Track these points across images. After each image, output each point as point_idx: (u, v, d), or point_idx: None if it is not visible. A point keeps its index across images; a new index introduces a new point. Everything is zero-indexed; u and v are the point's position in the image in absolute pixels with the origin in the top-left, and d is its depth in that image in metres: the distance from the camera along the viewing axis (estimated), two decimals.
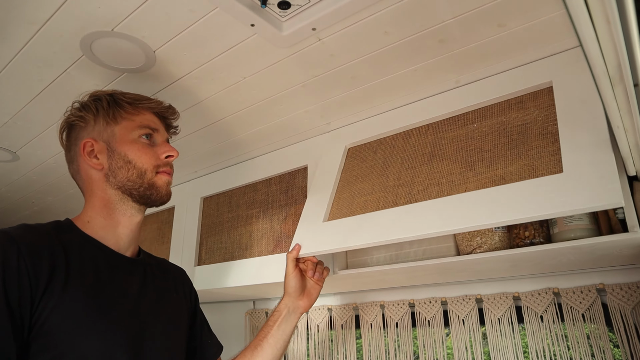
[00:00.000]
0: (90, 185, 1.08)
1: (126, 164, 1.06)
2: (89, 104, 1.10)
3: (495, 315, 1.42)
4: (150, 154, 1.09)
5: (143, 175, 1.07)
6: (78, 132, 1.10)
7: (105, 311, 0.94)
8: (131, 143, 1.08)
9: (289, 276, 1.31)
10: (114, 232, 1.06)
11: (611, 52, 0.54)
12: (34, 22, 1.09)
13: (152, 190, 1.08)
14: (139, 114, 1.12)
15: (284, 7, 1.01)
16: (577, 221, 1.07)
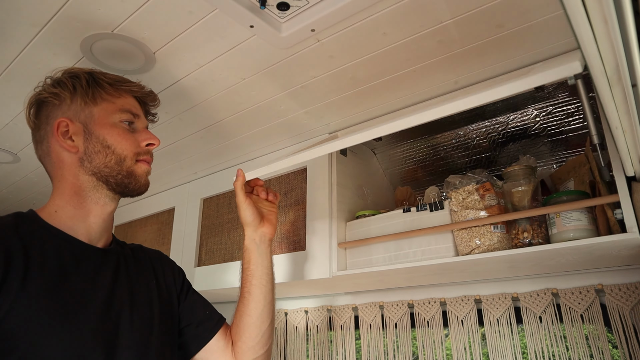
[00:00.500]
0: (61, 169, 0.98)
1: (104, 148, 0.98)
2: (64, 80, 1.01)
3: (494, 316, 1.42)
4: (131, 140, 1.02)
5: (122, 162, 0.99)
6: (51, 110, 1.00)
7: (72, 310, 0.86)
8: (111, 127, 1.00)
9: (242, 205, 1.22)
10: (85, 222, 0.98)
11: (609, 52, 0.55)
12: (34, 24, 1.09)
13: (130, 178, 1.01)
14: (120, 96, 1.04)
15: (283, 8, 1.01)
16: (575, 222, 1.08)
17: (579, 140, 1.43)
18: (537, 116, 1.43)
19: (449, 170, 1.69)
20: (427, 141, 1.66)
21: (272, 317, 1.20)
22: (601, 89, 0.64)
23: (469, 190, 1.25)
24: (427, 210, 1.32)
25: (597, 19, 0.49)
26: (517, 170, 1.24)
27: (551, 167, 1.52)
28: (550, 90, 1.35)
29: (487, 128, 1.53)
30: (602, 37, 0.52)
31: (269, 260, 1.21)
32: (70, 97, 0.99)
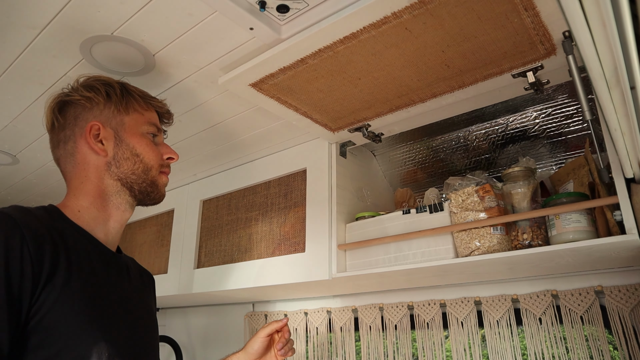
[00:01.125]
0: (86, 170, 1.01)
1: (133, 156, 1.03)
2: (98, 86, 1.04)
3: (494, 318, 1.42)
4: (157, 151, 1.07)
5: (148, 171, 1.04)
6: (80, 112, 1.02)
7: (104, 310, 0.90)
8: (140, 137, 1.05)
9: (257, 337, 1.26)
10: (105, 225, 1.01)
11: (607, 55, 0.55)
12: (34, 27, 1.09)
13: (153, 187, 1.06)
14: (148, 109, 1.10)
15: (282, 10, 1.02)
16: (575, 223, 1.08)
17: (579, 142, 1.43)
18: (536, 118, 1.44)
19: (449, 172, 1.70)
20: (426, 143, 1.66)
21: None
22: (600, 91, 0.64)
23: (469, 192, 1.25)
24: (427, 212, 1.32)
25: (596, 22, 0.49)
26: (517, 172, 1.25)
27: (550, 168, 1.52)
28: (550, 92, 1.36)
29: (487, 130, 1.53)
30: (601, 39, 0.52)
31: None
32: (104, 103, 1.03)
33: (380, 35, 1.02)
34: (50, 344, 0.81)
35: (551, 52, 1.06)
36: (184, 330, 2.38)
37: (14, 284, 0.77)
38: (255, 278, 1.63)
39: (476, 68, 1.14)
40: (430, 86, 1.22)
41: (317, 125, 1.44)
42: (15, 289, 0.77)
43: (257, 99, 1.28)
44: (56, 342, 0.81)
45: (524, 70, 1.13)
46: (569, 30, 0.98)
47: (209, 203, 1.96)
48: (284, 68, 1.14)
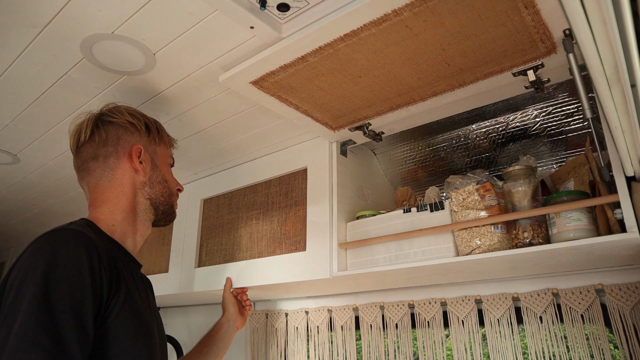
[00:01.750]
0: (122, 186, 1.12)
1: (164, 181, 1.19)
2: (138, 116, 1.19)
3: (494, 316, 1.42)
4: (175, 181, 1.24)
5: (171, 196, 1.21)
6: (123, 134, 1.15)
7: (145, 323, 1.00)
8: (167, 166, 1.23)
9: (225, 297, 1.62)
10: (133, 238, 1.13)
11: (608, 53, 0.55)
12: (34, 26, 1.09)
13: (171, 210, 1.21)
14: (171, 146, 1.29)
15: (283, 9, 1.02)
16: (575, 222, 1.08)
17: (579, 140, 1.43)
18: (537, 116, 1.44)
19: (449, 171, 1.70)
20: (427, 142, 1.66)
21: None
22: (600, 89, 0.64)
23: (469, 191, 1.25)
24: (428, 210, 1.32)
25: (596, 20, 0.49)
26: (517, 171, 1.25)
27: (551, 167, 1.52)
28: (550, 90, 1.36)
29: (487, 128, 1.53)
30: (601, 37, 0.52)
31: (229, 341, 1.53)
32: (145, 132, 1.19)
33: (381, 33, 1.02)
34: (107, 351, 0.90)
35: (552, 51, 1.06)
36: (185, 329, 2.38)
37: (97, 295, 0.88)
38: (256, 277, 1.63)
39: (476, 66, 1.14)
40: (430, 84, 1.22)
41: (317, 123, 1.44)
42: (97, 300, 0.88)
43: (258, 97, 1.28)
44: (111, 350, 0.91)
45: (525, 68, 1.13)
46: (569, 28, 0.98)
47: (210, 202, 1.96)
48: (284, 66, 1.14)
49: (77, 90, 1.37)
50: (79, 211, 2.50)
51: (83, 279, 0.86)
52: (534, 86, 1.17)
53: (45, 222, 2.73)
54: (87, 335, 0.84)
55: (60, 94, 1.38)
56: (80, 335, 0.83)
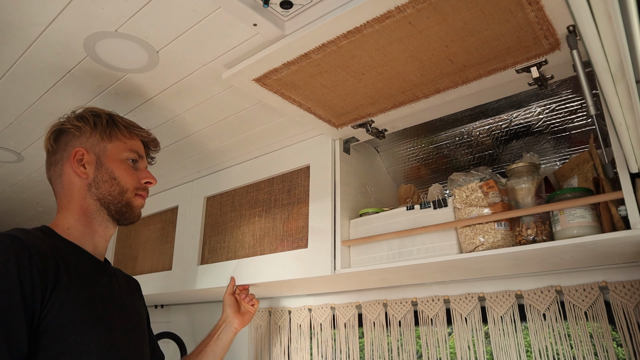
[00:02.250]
0: (71, 191, 1.15)
1: (111, 179, 1.16)
2: (87, 117, 1.19)
3: (497, 314, 1.42)
4: (134, 176, 1.20)
5: (124, 193, 1.17)
6: (70, 139, 1.17)
7: (101, 313, 1.04)
8: (119, 162, 1.18)
9: (225, 298, 1.64)
10: (92, 239, 1.15)
11: (613, 48, 0.55)
12: (38, 24, 1.10)
13: (127, 208, 1.18)
14: (131, 138, 1.23)
15: (286, 6, 1.02)
16: (579, 219, 1.08)
17: (583, 137, 1.43)
18: (540, 113, 1.43)
19: (452, 168, 1.69)
20: (430, 139, 1.66)
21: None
22: (605, 85, 0.64)
23: (473, 188, 1.25)
24: (431, 207, 1.32)
25: (601, 15, 0.49)
26: (521, 168, 1.24)
27: (554, 164, 1.51)
28: (554, 87, 1.35)
29: (490, 125, 1.53)
30: (606, 33, 0.52)
31: (228, 340, 1.55)
32: (90, 132, 1.17)
33: (384, 30, 1.01)
34: (57, 344, 0.94)
35: (555, 47, 1.06)
36: (188, 327, 2.39)
37: (27, 295, 0.91)
38: (257, 274, 1.63)
39: (480, 63, 1.13)
40: (433, 82, 1.21)
41: (320, 121, 1.44)
42: (28, 299, 0.91)
43: (261, 94, 1.28)
44: (62, 342, 0.95)
45: (528, 65, 1.13)
46: (573, 24, 0.98)
47: (213, 200, 1.96)
48: (287, 63, 1.14)
49: (80, 89, 1.37)
50: None
51: (8, 283, 0.89)
52: (537, 83, 1.16)
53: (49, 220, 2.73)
54: (17, 338, 0.88)
55: (64, 92, 1.39)
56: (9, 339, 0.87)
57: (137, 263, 2.18)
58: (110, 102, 1.44)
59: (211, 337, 1.53)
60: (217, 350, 1.50)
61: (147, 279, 2.05)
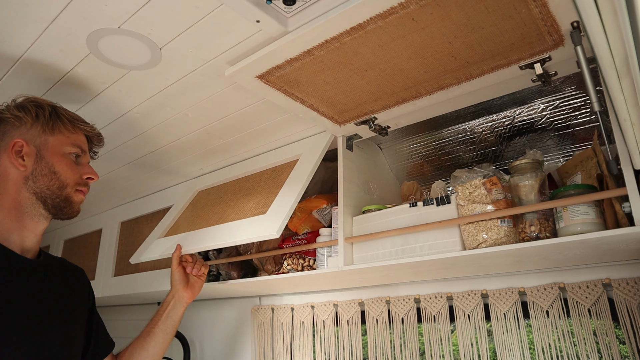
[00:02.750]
0: (5, 183, 1.11)
1: (51, 173, 1.13)
2: (29, 107, 1.15)
3: (501, 311, 1.42)
4: (75, 170, 1.18)
5: (63, 188, 1.14)
6: (9, 129, 1.13)
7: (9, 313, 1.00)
8: (61, 156, 1.15)
9: (173, 272, 1.53)
10: (20, 235, 1.11)
11: (618, 43, 0.54)
12: (41, 21, 1.10)
13: (66, 203, 1.16)
14: (75, 132, 1.21)
15: (289, 3, 1.01)
16: (583, 215, 1.07)
17: (586, 134, 1.43)
18: (543, 110, 1.43)
19: (456, 165, 1.69)
20: (433, 136, 1.66)
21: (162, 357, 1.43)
22: (610, 80, 0.64)
23: (476, 185, 1.25)
24: (434, 204, 1.32)
25: (607, 9, 0.49)
26: (524, 164, 1.24)
27: (558, 161, 1.51)
28: (557, 84, 1.35)
29: (494, 122, 1.52)
30: (612, 28, 0.52)
31: (178, 316, 1.47)
32: (32, 123, 1.14)
33: (387, 26, 1.01)
34: None
35: (559, 43, 1.06)
36: (191, 324, 2.39)
37: None
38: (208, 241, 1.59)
39: (483, 60, 1.13)
40: (437, 78, 1.21)
41: (323, 118, 1.43)
42: None
43: (264, 91, 1.28)
44: None
45: (532, 61, 1.12)
46: (577, 20, 0.97)
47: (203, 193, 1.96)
48: (290, 59, 1.14)
49: (83, 86, 1.37)
50: (86, 207, 2.51)
51: None
52: (541, 79, 1.16)
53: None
54: None
55: (67, 90, 1.38)
56: None
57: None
58: (112, 99, 1.44)
59: (160, 315, 1.45)
60: (168, 328, 1.43)
61: (149, 276, 2.05)
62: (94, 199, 2.38)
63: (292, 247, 1.61)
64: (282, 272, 1.65)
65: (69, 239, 2.81)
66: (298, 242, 1.60)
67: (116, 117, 1.55)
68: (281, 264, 1.68)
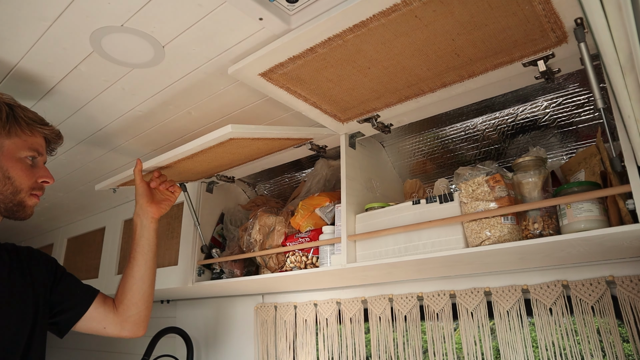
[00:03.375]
0: None
1: (5, 178, 1.11)
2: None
3: (504, 308, 1.42)
4: (30, 175, 1.15)
5: (17, 193, 1.13)
6: None
7: None
8: (16, 161, 1.13)
9: (136, 187, 1.46)
10: None
11: (623, 39, 0.54)
12: (44, 19, 1.10)
13: (19, 207, 1.15)
14: (32, 135, 1.17)
15: (292, 1, 1.02)
16: (586, 212, 1.07)
17: (590, 131, 1.42)
18: (547, 107, 1.43)
19: (458, 163, 1.69)
20: (436, 134, 1.66)
21: (152, 279, 1.42)
22: (614, 77, 0.64)
23: (479, 182, 1.24)
24: (437, 202, 1.32)
25: (611, 5, 0.49)
26: (527, 162, 1.24)
27: (561, 158, 1.51)
28: (561, 81, 1.35)
29: (497, 120, 1.52)
30: (616, 24, 0.52)
31: (151, 234, 1.42)
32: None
33: (390, 24, 1.01)
34: None
35: (562, 40, 1.05)
36: (194, 322, 2.40)
37: None
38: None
39: (486, 57, 1.13)
40: (440, 75, 1.21)
41: (326, 115, 1.43)
42: None
43: (267, 89, 1.28)
44: None
45: (535, 59, 1.12)
46: (581, 17, 0.97)
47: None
48: (293, 57, 1.14)
49: (86, 84, 1.37)
50: (90, 205, 2.52)
51: None
52: (544, 77, 1.16)
53: (55, 215, 2.75)
54: None
55: (70, 88, 1.39)
56: None
57: None
58: (115, 97, 1.44)
59: (134, 240, 1.41)
60: (145, 248, 1.40)
61: None
62: (97, 198, 2.39)
63: (295, 245, 1.61)
64: (285, 270, 1.65)
65: (72, 237, 2.82)
66: (301, 240, 1.60)
67: (119, 115, 1.56)
68: (284, 262, 1.68)
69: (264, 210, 1.81)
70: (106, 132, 1.68)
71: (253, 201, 2.06)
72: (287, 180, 2.12)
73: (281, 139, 1.46)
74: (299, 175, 2.07)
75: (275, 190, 2.20)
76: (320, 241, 1.54)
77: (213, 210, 2.07)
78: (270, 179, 2.15)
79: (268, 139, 1.41)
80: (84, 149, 1.83)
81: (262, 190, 2.23)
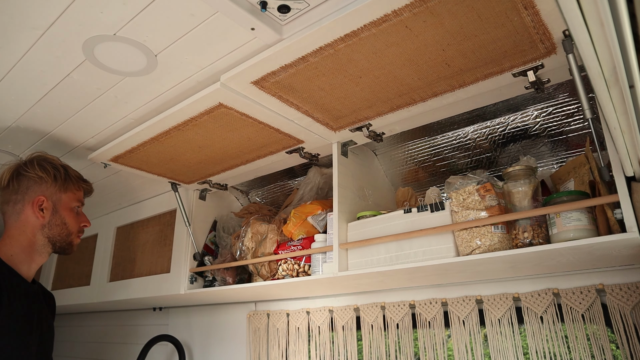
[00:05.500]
0: (25, 227, 1.39)
1: (63, 224, 1.44)
2: (48, 168, 1.43)
3: (495, 316, 1.43)
4: (78, 221, 1.49)
5: (70, 235, 1.46)
6: (32, 185, 1.41)
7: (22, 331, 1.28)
8: (70, 210, 1.46)
9: None
10: (28, 266, 1.39)
11: (606, 54, 0.55)
12: (37, 28, 1.10)
13: (69, 246, 1.46)
14: (79, 190, 1.52)
15: (283, 11, 1.02)
16: (575, 222, 1.08)
17: (580, 140, 1.44)
18: (537, 117, 1.44)
19: (450, 171, 1.70)
20: (427, 142, 1.67)
21: None
22: (599, 90, 0.65)
23: (470, 191, 1.25)
24: (428, 210, 1.33)
25: (594, 22, 0.49)
26: (518, 171, 1.25)
27: (551, 167, 1.52)
28: (550, 90, 1.36)
29: (488, 129, 1.53)
30: (599, 39, 0.53)
31: None
32: (51, 182, 1.43)
33: (381, 34, 1.02)
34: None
35: (551, 51, 1.07)
36: (186, 329, 2.39)
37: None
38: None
39: (477, 67, 1.14)
40: (430, 85, 1.22)
41: (318, 124, 1.44)
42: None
43: (259, 98, 1.29)
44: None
45: (525, 69, 1.13)
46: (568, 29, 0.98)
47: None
48: (285, 66, 1.15)
49: (79, 92, 1.37)
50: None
51: None
52: (534, 87, 1.17)
53: None
54: None
55: (63, 96, 1.39)
56: None
57: (135, 265, 2.18)
58: (108, 105, 1.44)
59: None
60: None
61: (145, 281, 2.05)
62: (90, 205, 2.38)
63: (287, 253, 1.61)
64: (277, 278, 1.65)
65: None
66: (293, 248, 1.60)
67: (111, 123, 1.56)
68: (276, 270, 1.68)
69: (256, 218, 1.81)
70: (98, 139, 1.68)
71: (246, 209, 2.06)
72: (279, 188, 2.13)
73: (271, 127, 1.45)
74: (292, 183, 2.07)
75: (268, 197, 2.20)
76: (312, 249, 1.54)
77: (206, 218, 2.06)
78: (263, 186, 2.16)
79: (257, 121, 1.41)
80: (76, 157, 1.82)
81: (255, 197, 2.24)
